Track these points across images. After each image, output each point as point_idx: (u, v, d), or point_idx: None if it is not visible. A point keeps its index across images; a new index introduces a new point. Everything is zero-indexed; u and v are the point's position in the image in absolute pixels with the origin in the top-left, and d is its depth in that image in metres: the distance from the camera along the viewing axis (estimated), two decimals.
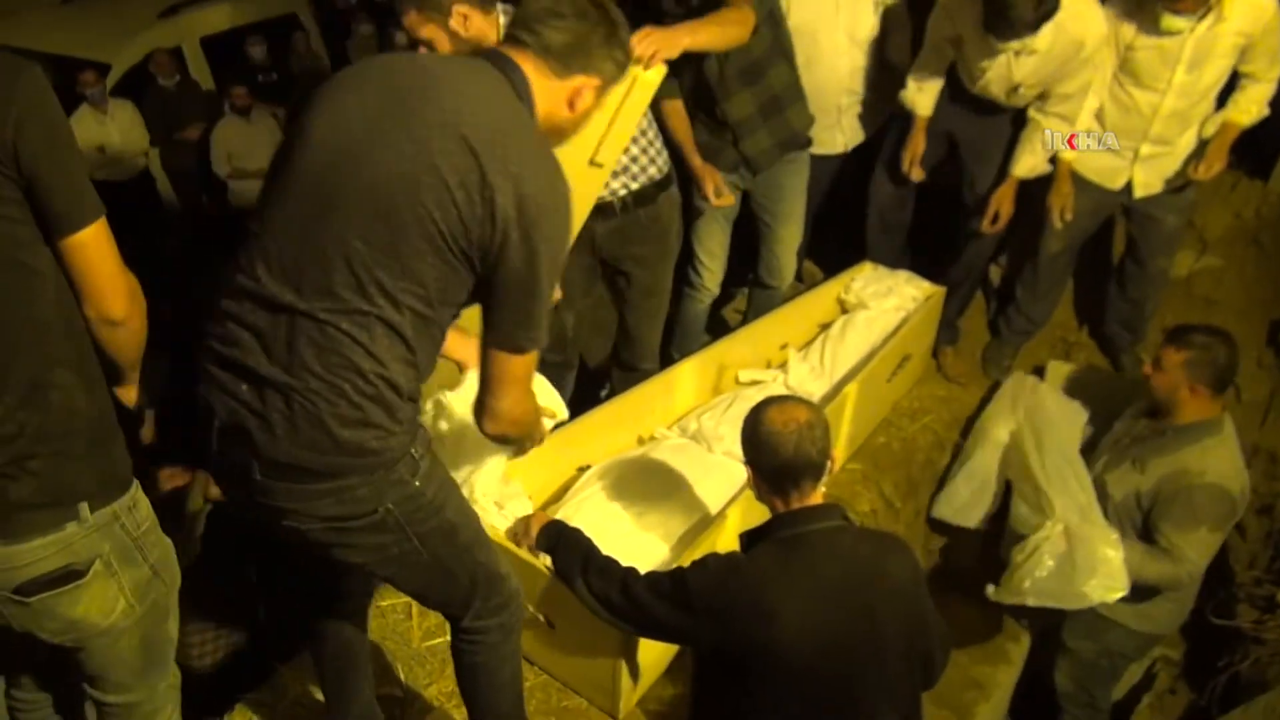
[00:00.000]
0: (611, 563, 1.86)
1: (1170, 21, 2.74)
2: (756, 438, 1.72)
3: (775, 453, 1.68)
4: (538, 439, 1.86)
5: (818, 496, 1.72)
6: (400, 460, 1.45)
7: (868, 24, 3.27)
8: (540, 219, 1.38)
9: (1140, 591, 2.57)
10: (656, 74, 2.18)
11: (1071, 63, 2.85)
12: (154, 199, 5.77)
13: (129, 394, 1.63)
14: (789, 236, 3.23)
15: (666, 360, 3.21)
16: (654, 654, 2.22)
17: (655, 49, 2.16)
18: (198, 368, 1.46)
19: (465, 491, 2.01)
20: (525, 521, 2.08)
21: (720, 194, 2.96)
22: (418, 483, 1.48)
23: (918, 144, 3.24)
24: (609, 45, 1.52)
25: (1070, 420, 3.05)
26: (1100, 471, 2.72)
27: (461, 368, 2.01)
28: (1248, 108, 2.92)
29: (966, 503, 3.20)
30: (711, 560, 1.71)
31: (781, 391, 3.03)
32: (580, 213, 2.35)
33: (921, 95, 3.18)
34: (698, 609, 1.66)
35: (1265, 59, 2.83)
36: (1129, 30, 2.86)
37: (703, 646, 1.76)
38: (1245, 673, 3.00)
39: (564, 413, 2.09)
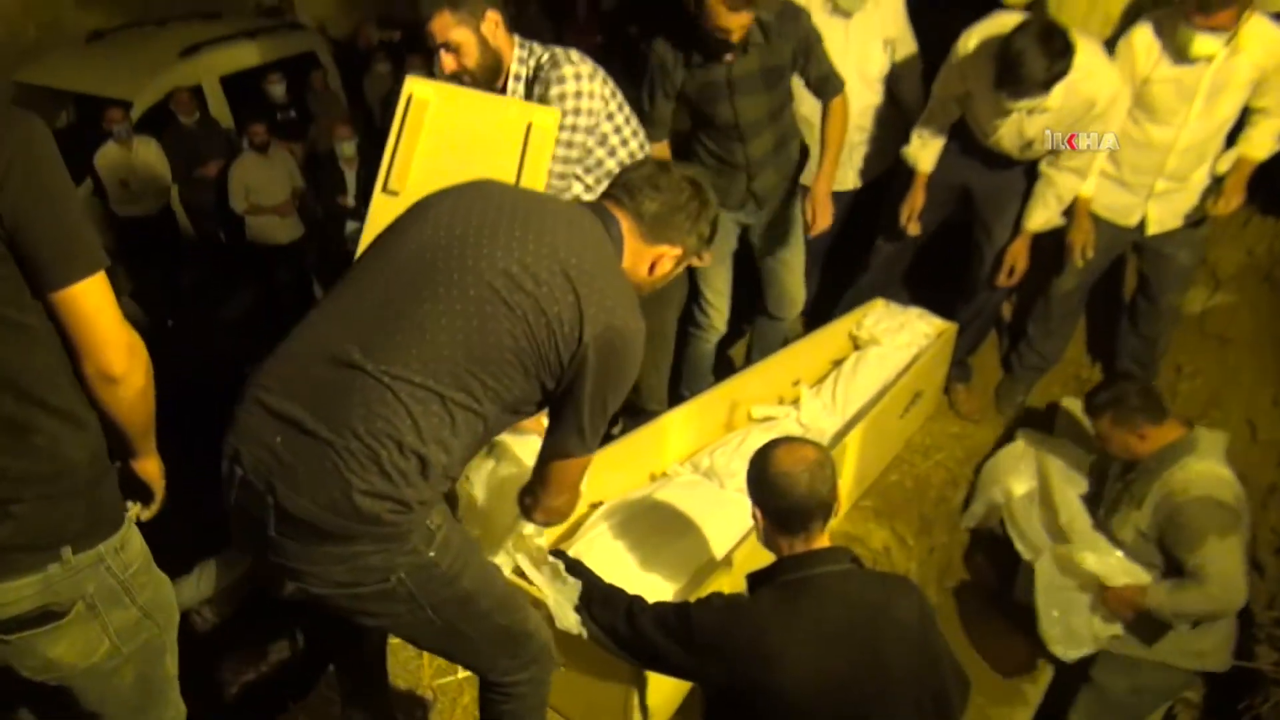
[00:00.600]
0: (615, 591, 1.85)
1: (1200, 45, 2.71)
2: (765, 479, 1.71)
3: (787, 493, 1.67)
4: None
5: (825, 539, 1.71)
6: (414, 531, 1.45)
7: (878, 62, 3.29)
8: (622, 350, 1.48)
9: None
10: (550, 117, 2.19)
11: (1083, 120, 2.85)
12: (175, 234, 5.84)
13: (147, 467, 1.58)
14: (794, 260, 3.23)
15: (677, 399, 3.21)
16: (664, 694, 2.21)
17: (825, 220, 2.94)
18: (232, 414, 1.46)
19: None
20: None
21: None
22: (432, 553, 1.48)
23: (916, 199, 3.25)
24: (696, 221, 1.63)
25: (1075, 479, 3.05)
26: (1104, 518, 2.73)
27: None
28: (1261, 142, 2.93)
29: (984, 516, 3.36)
30: (715, 599, 1.71)
31: (794, 427, 3.04)
32: None
33: (924, 151, 3.18)
34: (699, 646, 1.65)
35: (1277, 94, 2.84)
36: (1146, 65, 2.85)
37: (708, 686, 1.74)
38: (1266, 715, 2.95)
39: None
